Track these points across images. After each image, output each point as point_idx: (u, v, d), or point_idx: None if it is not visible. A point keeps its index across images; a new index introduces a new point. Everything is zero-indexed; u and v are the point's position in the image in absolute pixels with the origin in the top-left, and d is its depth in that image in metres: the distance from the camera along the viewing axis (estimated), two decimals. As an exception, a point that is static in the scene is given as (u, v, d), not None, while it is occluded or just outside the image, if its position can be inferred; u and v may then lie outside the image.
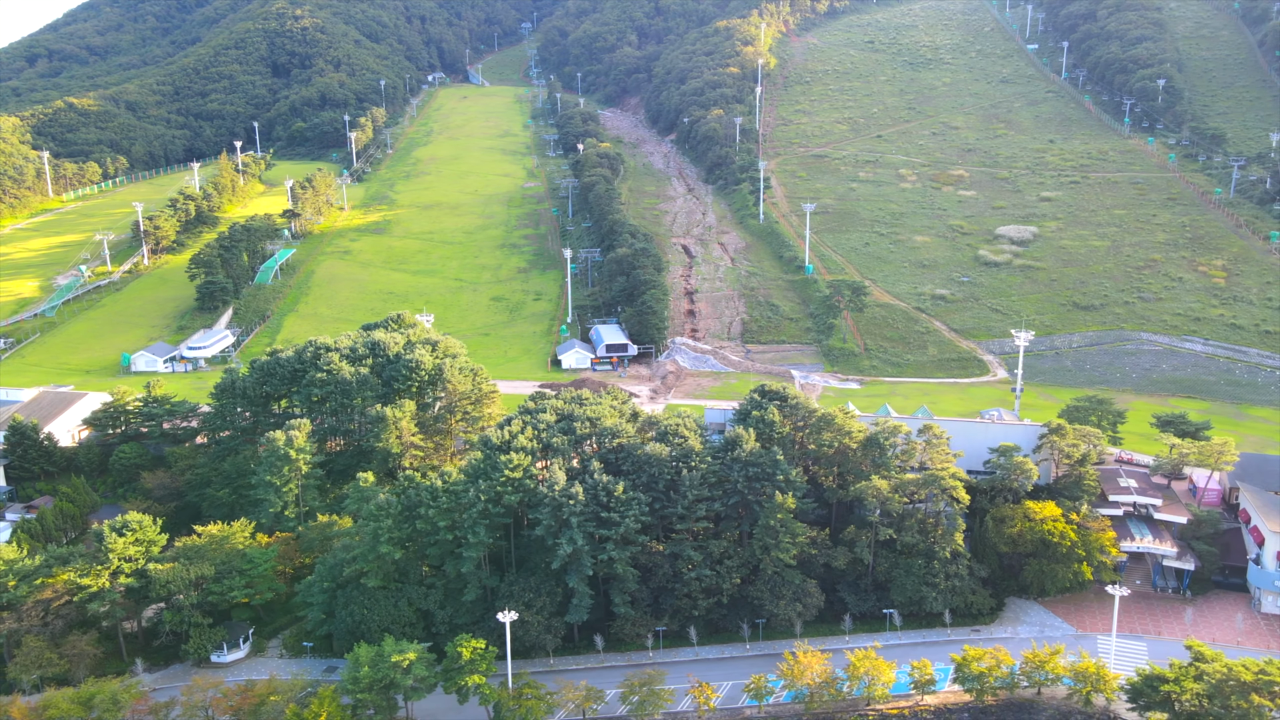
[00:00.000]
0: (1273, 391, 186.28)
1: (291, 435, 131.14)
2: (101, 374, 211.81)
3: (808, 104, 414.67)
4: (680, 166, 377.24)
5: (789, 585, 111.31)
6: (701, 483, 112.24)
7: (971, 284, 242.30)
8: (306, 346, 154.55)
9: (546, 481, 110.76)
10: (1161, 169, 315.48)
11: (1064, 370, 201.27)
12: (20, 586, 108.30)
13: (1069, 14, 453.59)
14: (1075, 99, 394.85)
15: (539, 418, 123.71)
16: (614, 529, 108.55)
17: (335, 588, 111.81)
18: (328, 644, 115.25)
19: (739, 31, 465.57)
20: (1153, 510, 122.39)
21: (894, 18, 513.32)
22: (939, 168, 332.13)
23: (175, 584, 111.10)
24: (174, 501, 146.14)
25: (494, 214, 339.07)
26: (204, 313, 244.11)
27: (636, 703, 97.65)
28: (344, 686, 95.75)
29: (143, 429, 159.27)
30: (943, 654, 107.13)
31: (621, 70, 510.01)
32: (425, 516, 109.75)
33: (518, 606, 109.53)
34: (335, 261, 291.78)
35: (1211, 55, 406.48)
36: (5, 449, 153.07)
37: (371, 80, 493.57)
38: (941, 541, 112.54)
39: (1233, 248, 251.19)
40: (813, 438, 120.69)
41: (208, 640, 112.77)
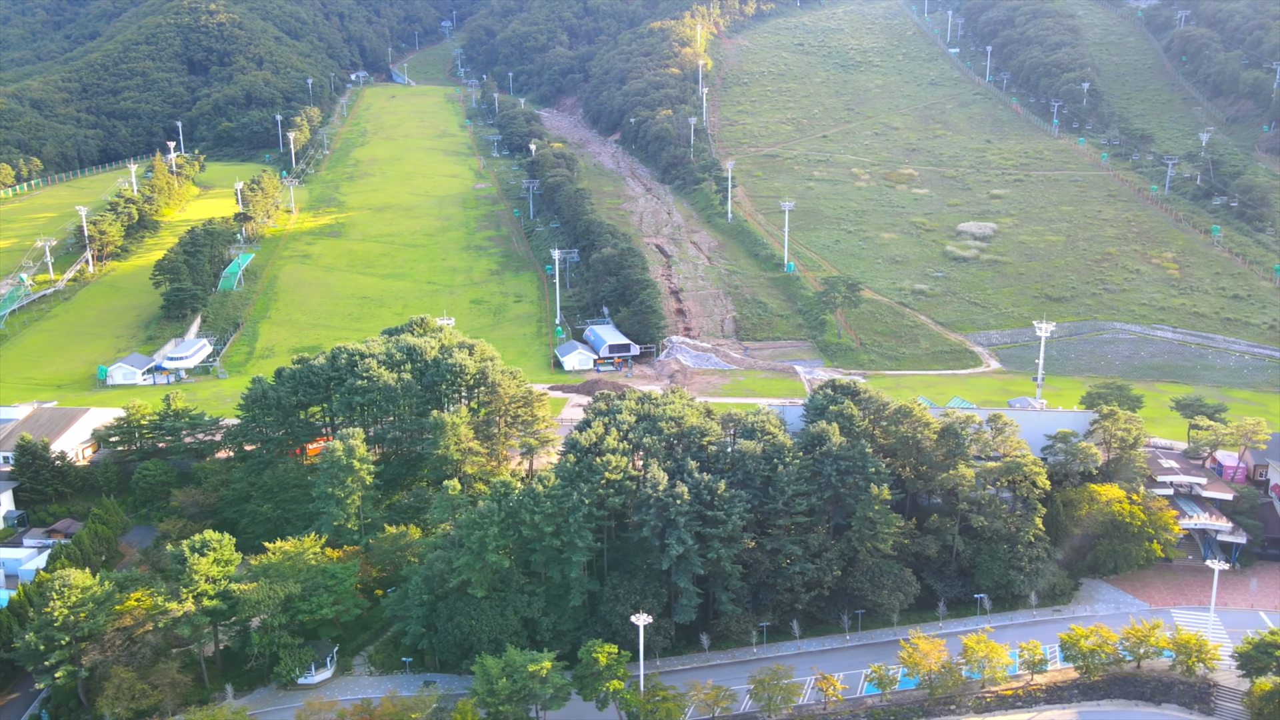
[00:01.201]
0: (1246, 374, 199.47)
1: (351, 445, 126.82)
2: (75, 388, 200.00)
3: (749, 105, 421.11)
4: (631, 167, 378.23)
5: (888, 575, 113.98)
6: (797, 478, 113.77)
7: (946, 279, 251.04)
8: (339, 353, 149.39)
9: (649, 482, 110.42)
10: (1095, 167, 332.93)
11: (1051, 360, 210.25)
12: (98, 614, 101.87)
13: (988, 20, 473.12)
14: (1003, 101, 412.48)
15: (618, 418, 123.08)
16: (720, 527, 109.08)
17: (435, 600, 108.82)
18: (419, 657, 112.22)
19: (675, 33, 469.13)
20: (1199, 489, 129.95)
21: (819, 21, 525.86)
22: (889, 167, 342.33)
23: (265, 604, 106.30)
24: (209, 519, 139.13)
25: (451, 216, 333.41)
26: (171, 321, 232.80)
27: (767, 699, 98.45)
28: (483, 700, 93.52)
29: (160, 444, 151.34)
30: (1035, 635, 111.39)
31: (555, 70, 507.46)
32: (530, 522, 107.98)
33: (625, 609, 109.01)
34: (296, 266, 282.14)
35: (1122, 61, 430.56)
36: (14, 470, 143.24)
37: (298, 79, 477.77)
38: (1024, 526, 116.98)
39: (1178, 241, 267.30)
40: (889, 430, 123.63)
41: (298, 661, 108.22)
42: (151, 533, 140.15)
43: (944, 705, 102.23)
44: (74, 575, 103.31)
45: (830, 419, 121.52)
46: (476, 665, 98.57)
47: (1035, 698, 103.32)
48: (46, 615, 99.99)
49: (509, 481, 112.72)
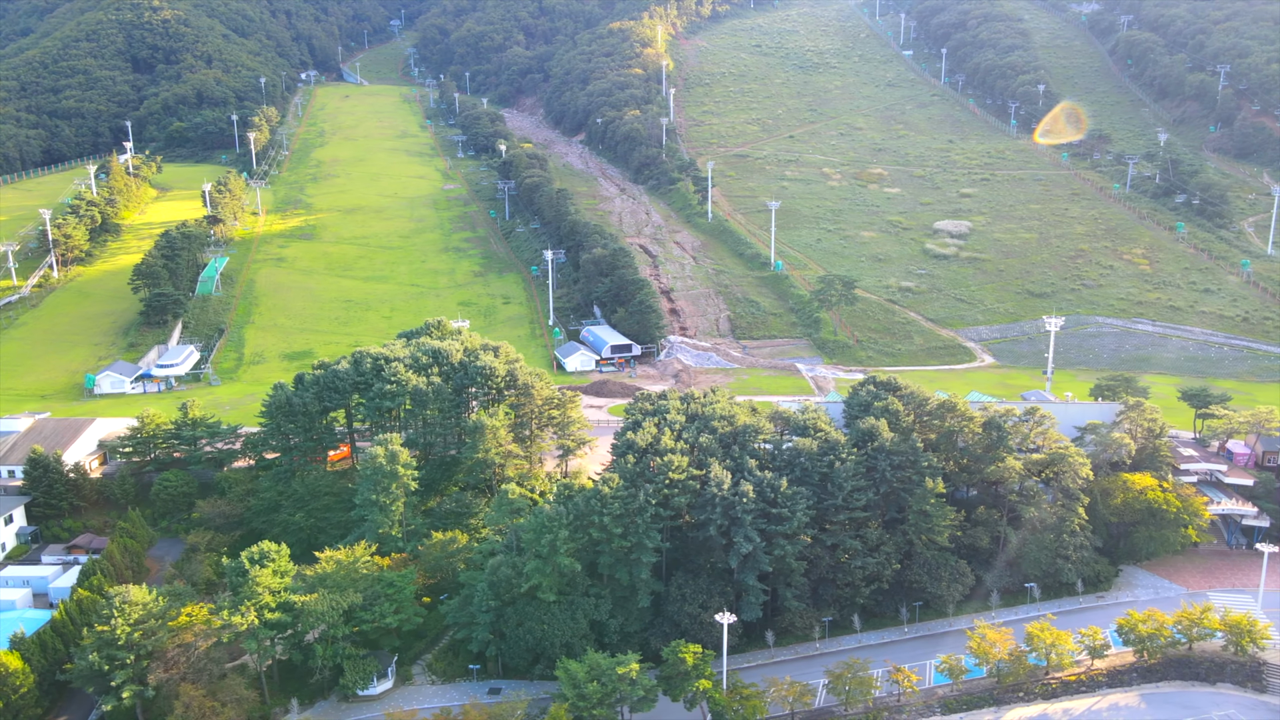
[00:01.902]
0: (1227, 365, 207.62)
1: (394, 450, 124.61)
2: (61, 398, 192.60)
3: (713, 105, 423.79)
4: (601, 167, 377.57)
5: (946, 567, 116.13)
6: (854, 473, 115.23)
7: (929, 276, 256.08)
8: (362, 357, 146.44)
9: (713, 481, 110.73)
10: (1056, 167, 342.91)
11: (1041, 355, 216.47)
12: (160, 631, 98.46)
13: (940, 23, 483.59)
14: (960, 102, 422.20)
15: (668, 418, 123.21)
16: (784, 524, 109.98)
17: (502, 606, 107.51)
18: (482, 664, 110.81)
19: (635, 34, 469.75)
20: (1219, 475, 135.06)
21: (774, 23, 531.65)
22: (858, 166, 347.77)
23: (328, 615, 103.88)
24: (236, 530, 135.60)
25: (424, 218, 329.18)
26: (152, 327, 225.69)
27: (845, 692, 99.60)
28: (574, 705, 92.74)
29: (175, 454, 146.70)
30: (1085, 621, 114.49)
31: (514, 70, 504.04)
32: (598, 524, 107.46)
33: (692, 608, 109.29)
34: (272, 269, 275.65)
35: (1070, 64, 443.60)
36: (25, 484, 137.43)
37: (249, 78, 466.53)
38: (1068, 516, 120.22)
39: (1145, 238, 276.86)
40: (933, 424, 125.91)
41: (361, 672, 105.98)
42: (176, 545, 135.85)
43: (1012, 693, 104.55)
44: (133, 591, 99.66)
45: (876, 415, 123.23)
46: (560, 670, 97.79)
47: (1098, 682, 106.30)
48: (106, 634, 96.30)
49: (571, 484, 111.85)
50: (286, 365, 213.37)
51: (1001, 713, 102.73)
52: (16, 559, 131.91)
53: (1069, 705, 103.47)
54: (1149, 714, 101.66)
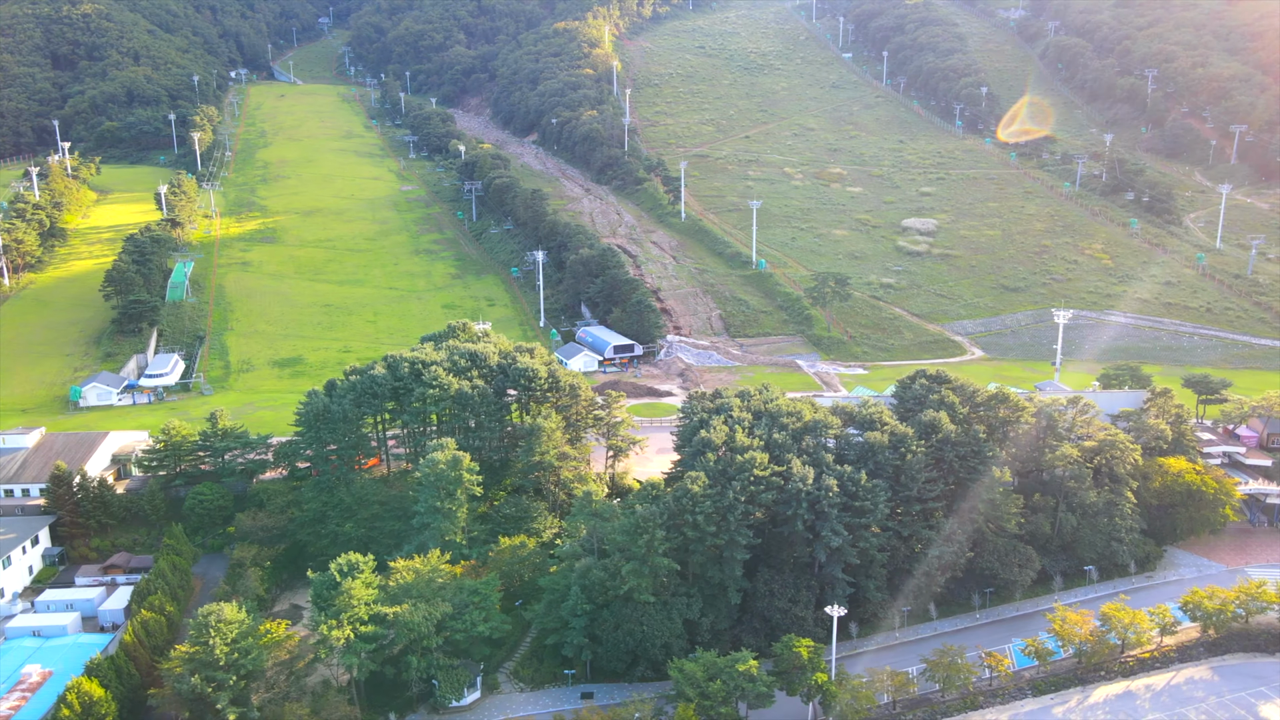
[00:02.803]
0: (1199, 354, 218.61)
1: (456, 456, 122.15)
2: (42, 412, 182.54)
3: (665, 106, 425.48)
4: (560, 168, 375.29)
5: (1015, 553, 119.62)
6: (926, 465, 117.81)
7: (906, 272, 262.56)
8: (398, 362, 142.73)
9: (796, 476, 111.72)
10: (1006, 166, 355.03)
11: (1028, 345, 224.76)
12: (257, 649, 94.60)
13: (879, 26, 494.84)
14: (904, 104, 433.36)
15: (733, 415, 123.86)
16: (867, 517, 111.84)
17: (595, 609, 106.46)
18: (572, 667, 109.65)
19: (581, 34, 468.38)
20: (1239, 457, 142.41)
21: (714, 24, 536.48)
22: (817, 166, 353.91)
23: (422, 626, 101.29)
24: (280, 543, 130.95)
25: (387, 220, 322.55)
26: (127, 336, 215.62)
27: (945, 678, 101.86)
28: (699, 705, 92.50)
29: (203, 465, 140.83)
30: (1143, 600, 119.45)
31: (457, 70, 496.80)
32: (692, 523, 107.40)
33: (782, 603, 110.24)
34: (239, 274, 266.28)
35: (1004, 67, 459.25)
36: (49, 503, 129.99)
37: (180, 75, 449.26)
38: (1120, 500, 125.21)
39: (1101, 233, 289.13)
40: (984, 415, 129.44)
41: (455, 684, 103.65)
42: (216, 562, 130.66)
43: (1094, 672, 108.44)
44: (226, 609, 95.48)
45: (935, 407, 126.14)
46: (674, 670, 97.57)
47: (1169, 658, 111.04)
48: (200, 654, 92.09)
49: (658, 483, 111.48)
50: (278, 373, 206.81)
51: (1088, 691, 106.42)
52: (45, 582, 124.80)
53: (1149, 681, 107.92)
54: (1224, 685, 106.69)
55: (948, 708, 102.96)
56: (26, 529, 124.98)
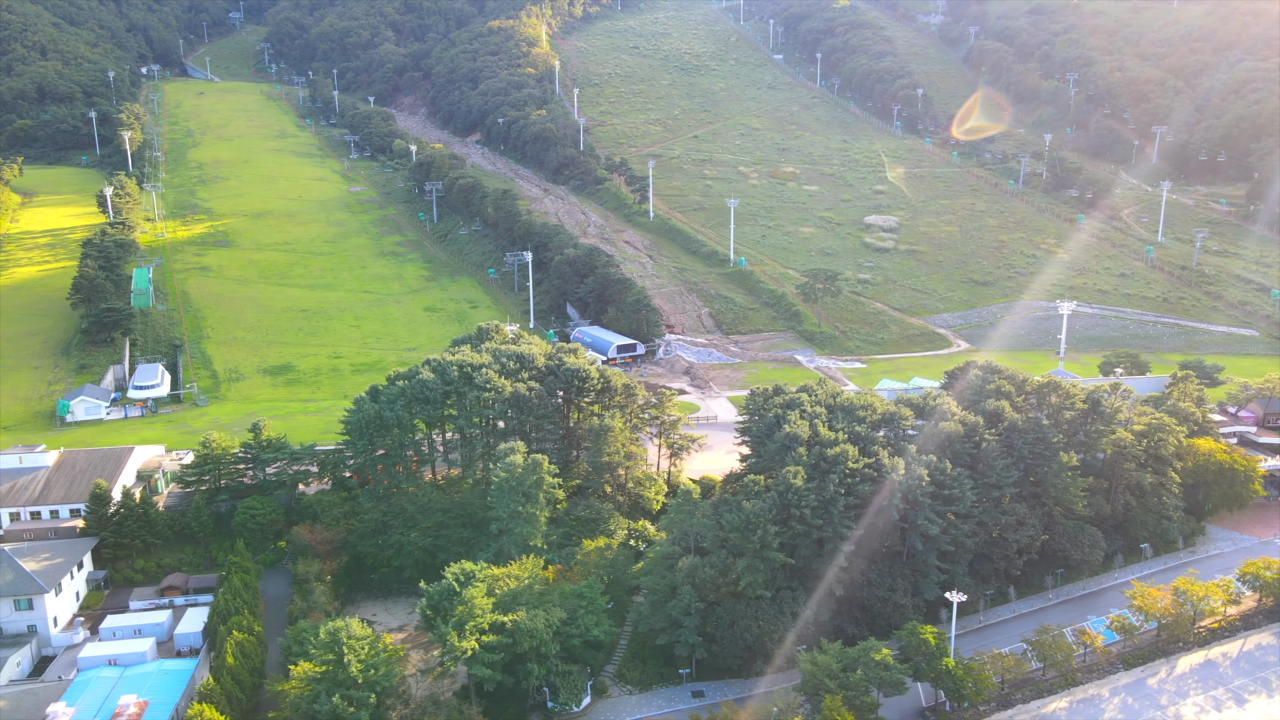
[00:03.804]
0: (1165, 341, 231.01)
1: (535, 459, 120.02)
2: (27, 428, 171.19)
3: (608, 106, 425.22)
4: (511, 167, 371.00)
5: (1084, 533, 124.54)
6: (1000, 453, 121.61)
7: (878, 268, 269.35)
8: (446, 365, 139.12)
9: (887, 467, 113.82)
10: (948, 164, 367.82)
11: (1007, 336, 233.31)
12: (389, 664, 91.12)
13: (809, 29, 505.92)
14: (840, 105, 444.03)
15: (805, 410, 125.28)
16: (956, 505, 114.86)
17: (707, 608, 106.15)
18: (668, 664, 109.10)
19: (518, 33, 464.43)
20: (1252, 437, 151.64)
21: (645, 25, 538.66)
22: (770, 165, 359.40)
23: (543, 633, 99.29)
24: (340, 556, 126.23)
25: (343, 222, 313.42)
26: (98, 346, 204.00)
27: (1047, 657, 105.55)
28: (847, 697, 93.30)
29: (243, 478, 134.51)
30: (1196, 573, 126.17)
31: (389, 69, 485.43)
32: (799, 516, 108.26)
33: (881, 591, 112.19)
34: (200, 280, 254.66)
35: (931, 69, 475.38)
36: (90, 523, 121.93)
37: (94, 71, 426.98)
38: (1166, 480, 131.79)
39: (1051, 229, 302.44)
40: (1039, 402, 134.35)
41: (573, 689, 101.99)
42: (274, 578, 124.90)
43: (1173, 644, 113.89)
44: (354, 625, 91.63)
45: (994, 395, 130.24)
46: (806, 662, 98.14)
47: (1235, 627, 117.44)
48: (336, 673, 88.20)
49: (756, 479, 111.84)
50: (270, 381, 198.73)
51: (1172, 662, 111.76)
52: (94, 608, 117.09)
53: (1224, 649, 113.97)
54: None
55: (1051, 685, 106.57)
56: (71, 553, 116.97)
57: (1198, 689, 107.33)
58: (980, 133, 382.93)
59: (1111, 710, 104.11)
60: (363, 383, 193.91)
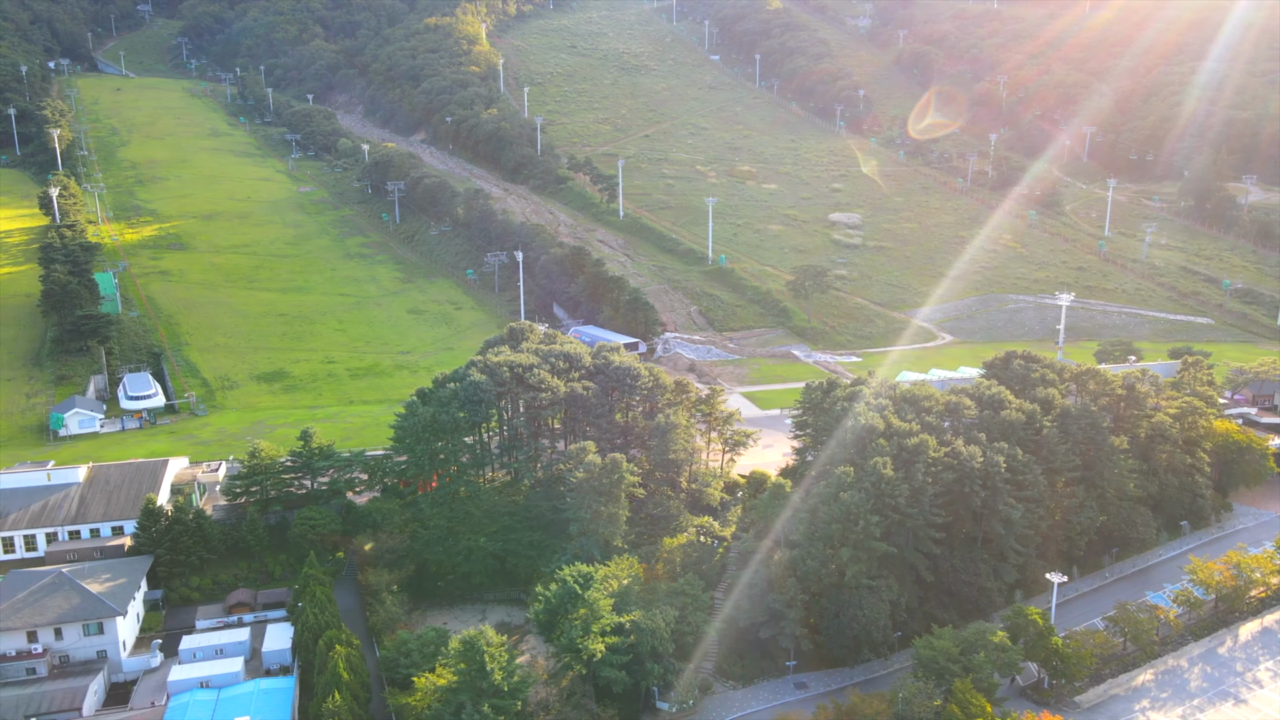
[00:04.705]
0: (1132, 330, 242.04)
1: (615, 458, 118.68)
2: (18, 444, 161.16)
3: (554, 105, 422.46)
4: (464, 166, 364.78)
5: (1138, 513, 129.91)
6: (1060, 439, 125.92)
7: (851, 264, 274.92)
8: (496, 366, 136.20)
9: (965, 455, 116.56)
10: (896, 164, 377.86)
11: (987, 328, 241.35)
12: (524, 672, 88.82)
13: (744, 30, 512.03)
14: (782, 105, 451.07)
15: (871, 403, 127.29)
16: (1030, 490, 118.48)
17: (810, 599, 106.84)
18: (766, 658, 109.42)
19: (458, 30, 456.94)
20: (1255, 418, 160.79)
21: (579, 24, 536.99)
22: (726, 164, 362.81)
23: (662, 631, 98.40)
24: (406, 565, 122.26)
25: (300, 223, 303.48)
26: (73, 356, 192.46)
27: (1131, 632, 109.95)
28: (976, 679, 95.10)
29: (290, 487, 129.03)
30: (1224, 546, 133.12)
31: (321, 66, 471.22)
32: (894, 506, 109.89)
33: (969, 576, 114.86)
34: (163, 284, 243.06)
35: (866, 71, 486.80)
36: (144, 540, 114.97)
37: (4, 65, 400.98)
38: (1198, 459, 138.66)
39: (1005, 225, 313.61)
40: (1078, 389, 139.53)
41: (689, 686, 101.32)
42: (338, 589, 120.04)
43: (1231, 614, 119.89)
44: (489, 632, 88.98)
45: (1042, 383, 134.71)
46: (922, 647, 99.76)
47: (1279, 595, 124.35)
48: (478, 681, 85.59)
49: (847, 471, 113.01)
50: (267, 388, 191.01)
51: (1234, 631, 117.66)
52: (155, 630, 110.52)
53: (1277, 617, 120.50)
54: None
55: (1134, 659, 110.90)
56: (130, 572, 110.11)
57: (1264, 655, 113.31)
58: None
59: (1195, 679, 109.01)
60: (363, 388, 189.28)
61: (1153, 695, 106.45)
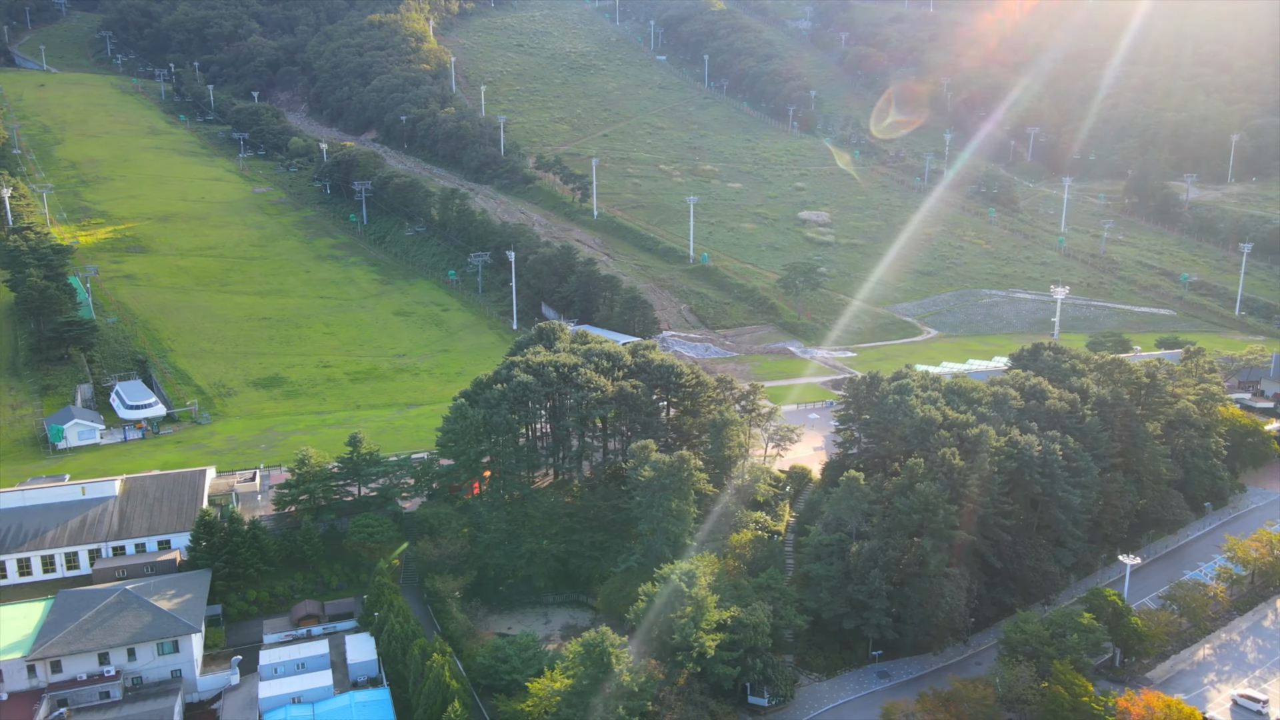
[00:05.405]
0: (1102, 321, 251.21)
1: (682, 455, 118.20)
2: (16, 458, 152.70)
3: (507, 104, 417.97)
4: (423, 166, 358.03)
5: (1171, 495, 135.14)
6: (1102, 427, 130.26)
7: (827, 261, 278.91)
8: (543, 367, 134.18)
9: (1023, 445, 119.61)
10: (851, 163, 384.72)
11: (965, 323, 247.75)
12: (643, 672, 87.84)
13: (690, 31, 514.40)
14: (734, 105, 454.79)
15: (923, 394, 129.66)
16: (1083, 475, 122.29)
17: (894, 588, 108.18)
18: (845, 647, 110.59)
19: (404, 28, 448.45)
20: (1250, 403, 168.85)
21: (522, 23, 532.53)
22: (688, 164, 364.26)
23: (763, 626, 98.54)
24: (468, 570, 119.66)
25: (262, 224, 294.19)
26: (54, 364, 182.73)
27: (1187, 608, 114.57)
28: (1075, 660, 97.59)
29: (337, 495, 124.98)
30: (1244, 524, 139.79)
31: (260, 62, 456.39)
32: (969, 494, 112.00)
33: (1032, 561, 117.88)
34: (132, 289, 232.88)
35: (811, 73, 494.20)
36: (200, 553, 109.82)
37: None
38: (1216, 444, 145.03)
39: (967, 222, 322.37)
40: (1104, 378, 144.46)
41: (787, 680, 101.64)
42: (418, 598, 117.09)
43: (1266, 588, 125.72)
44: (610, 635, 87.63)
45: (1076, 374, 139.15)
46: (1014, 631, 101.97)
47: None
48: (606, 683, 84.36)
49: (919, 462, 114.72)
50: (266, 394, 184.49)
51: (1272, 603, 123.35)
52: (219, 646, 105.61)
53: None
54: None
55: (1191, 635, 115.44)
56: (194, 587, 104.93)
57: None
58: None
59: (1251, 652, 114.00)
60: (366, 392, 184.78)
61: (1215, 669, 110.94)
